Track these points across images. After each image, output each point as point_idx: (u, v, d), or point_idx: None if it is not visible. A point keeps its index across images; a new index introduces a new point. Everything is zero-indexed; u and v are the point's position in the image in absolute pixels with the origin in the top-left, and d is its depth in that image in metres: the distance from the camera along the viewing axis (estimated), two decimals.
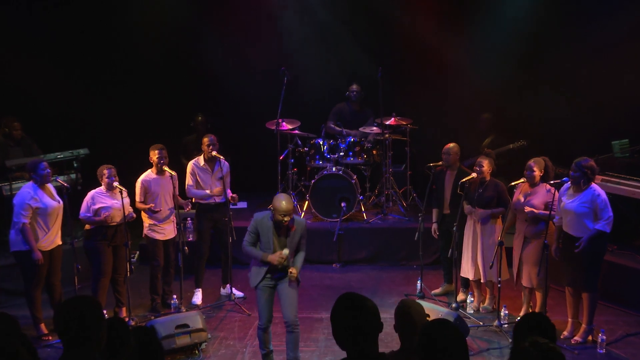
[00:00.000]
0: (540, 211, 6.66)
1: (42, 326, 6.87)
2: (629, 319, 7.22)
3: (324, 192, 9.08)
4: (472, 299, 7.45)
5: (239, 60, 10.36)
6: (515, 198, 6.89)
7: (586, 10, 9.34)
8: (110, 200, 6.98)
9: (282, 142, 9.37)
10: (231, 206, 7.96)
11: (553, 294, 7.30)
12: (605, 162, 8.04)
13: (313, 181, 9.13)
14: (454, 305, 7.27)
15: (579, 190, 6.42)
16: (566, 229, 6.53)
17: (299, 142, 9.59)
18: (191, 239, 8.40)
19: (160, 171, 7.34)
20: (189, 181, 7.71)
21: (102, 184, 7.01)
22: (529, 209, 6.69)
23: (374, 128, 9.46)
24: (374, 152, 9.50)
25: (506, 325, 6.93)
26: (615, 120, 8.96)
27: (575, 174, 6.39)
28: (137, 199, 7.30)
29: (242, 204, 9.95)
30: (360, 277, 8.65)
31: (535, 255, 6.75)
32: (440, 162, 7.64)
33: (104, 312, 6.23)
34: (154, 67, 10.06)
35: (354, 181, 9.08)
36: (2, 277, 7.78)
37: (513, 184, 6.88)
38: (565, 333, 6.73)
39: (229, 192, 7.68)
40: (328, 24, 10.33)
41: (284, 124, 9.26)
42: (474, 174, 7.19)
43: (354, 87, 9.75)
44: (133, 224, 7.40)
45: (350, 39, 10.34)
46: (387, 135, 9.39)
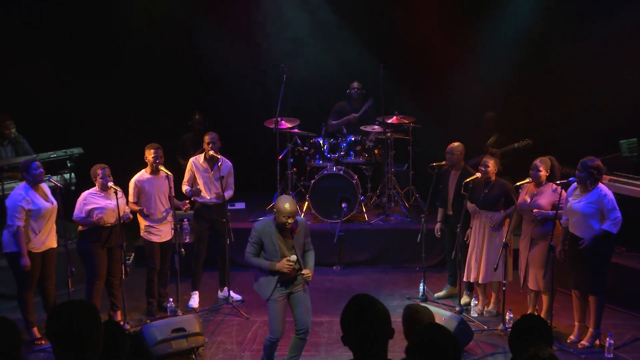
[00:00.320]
0: (550, 212, 6.64)
1: (35, 330, 6.85)
2: (637, 323, 7.20)
3: (324, 193, 9.07)
4: (476, 302, 7.44)
5: (237, 58, 10.35)
6: (520, 199, 6.87)
7: (593, 8, 9.33)
8: (104, 200, 6.96)
9: (281, 141, 9.35)
10: (229, 207, 7.94)
11: (559, 297, 7.29)
12: (612, 161, 8.01)
13: (313, 181, 9.12)
14: (457, 309, 7.26)
15: (585, 190, 6.41)
16: (572, 230, 6.51)
17: (299, 141, 9.58)
18: (188, 240, 8.39)
19: (155, 171, 7.32)
20: (185, 178, 7.70)
21: (96, 184, 6.98)
22: (537, 210, 6.67)
23: (376, 127, 9.45)
24: (376, 151, 9.49)
25: (511, 330, 6.89)
26: (623, 119, 8.95)
27: (581, 174, 6.37)
28: (130, 199, 7.27)
29: (241, 205, 9.95)
30: (362, 279, 8.64)
31: (541, 257, 6.72)
32: (443, 162, 7.63)
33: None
34: (150, 64, 10.04)
35: (354, 181, 9.06)
36: None
37: (518, 184, 6.87)
38: (572, 337, 6.71)
39: (227, 193, 7.66)
40: (328, 19, 10.32)
41: (283, 122, 9.24)
42: (477, 174, 7.18)
43: (355, 84, 9.73)
44: (128, 225, 7.38)
45: (351, 34, 10.32)
46: (389, 134, 9.37)
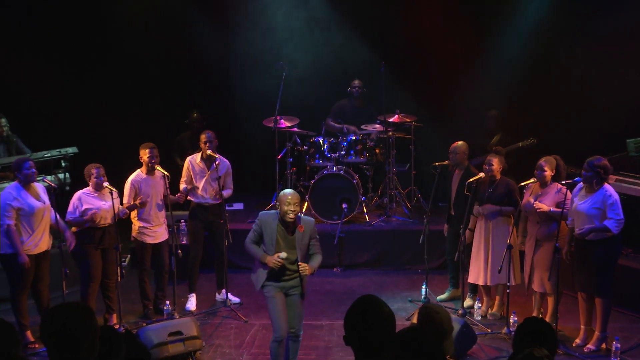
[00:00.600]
0: (552, 208, 6.61)
1: (29, 333, 6.82)
2: None
3: (324, 193, 9.05)
4: (479, 304, 7.41)
5: (235, 55, 10.34)
6: (525, 199, 6.85)
7: (598, 7, 9.32)
8: (98, 201, 6.94)
9: (281, 140, 9.34)
10: (227, 207, 7.92)
11: (565, 299, 7.26)
12: (619, 161, 8.00)
13: (313, 181, 9.10)
14: (460, 312, 7.24)
15: (591, 190, 6.39)
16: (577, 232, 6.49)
17: (298, 140, 9.56)
18: (185, 242, 8.37)
19: (151, 171, 7.30)
20: (182, 177, 7.68)
21: (90, 184, 6.96)
22: (539, 204, 6.63)
23: (377, 126, 9.43)
24: (377, 150, 9.47)
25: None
26: (630, 117, 8.93)
27: (587, 173, 6.35)
28: (125, 200, 7.23)
29: (239, 205, 9.94)
30: (363, 282, 8.62)
31: (547, 259, 6.69)
32: (446, 162, 7.61)
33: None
34: (146, 62, 10.05)
35: (355, 181, 9.04)
36: None
37: (523, 184, 6.85)
38: (577, 341, 6.69)
39: (226, 192, 7.64)
40: (328, 16, 10.31)
41: (282, 121, 9.23)
42: (481, 174, 7.16)
43: (355, 82, 9.71)
44: (124, 226, 7.36)
45: (352, 31, 10.31)
46: (390, 133, 9.36)
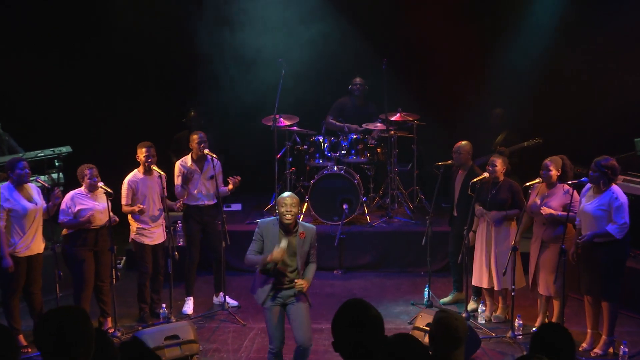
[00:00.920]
0: (560, 213, 6.61)
1: (21, 338, 6.82)
2: None
3: (325, 193, 9.04)
4: (483, 308, 7.41)
5: (233, 52, 10.32)
6: (531, 200, 6.84)
7: (606, 5, 9.30)
8: (91, 202, 6.93)
9: (280, 140, 9.33)
10: (225, 208, 7.90)
11: (571, 303, 7.26)
12: (627, 161, 7.98)
13: (313, 181, 9.09)
14: (464, 315, 7.23)
15: (598, 191, 6.37)
16: (584, 232, 6.47)
17: (298, 139, 9.55)
18: (182, 243, 8.36)
19: (148, 171, 7.29)
20: (177, 181, 7.66)
21: (83, 184, 6.94)
22: (547, 210, 6.63)
23: (378, 124, 9.42)
24: (378, 150, 9.46)
25: (520, 337, 6.89)
26: (638, 116, 8.92)
27: (594, 174, 6.33)
28: (123, 201, 7.24)
29: (237, 206, 9.94)
30: (364, 284, 8.61)
31: (553, 261, 6.69)
32: (450, 161, 7.60)
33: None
34: (143, 60, 10.03)
35: (356, 181, 9.03)
36: None
37: (528, 184, 6.83)
38: (584, 345, 6.67)
39: (223, 190, 7.64)
40: (329, 11, 10.28)
41: (281, 119, 9.22)
42: (485, 174, 7.15)
43: (357, 80, 9.70)
44: (118, 227, 7.35)
45: (353, 27, 10.29)
46: (392, 132, 9.34)
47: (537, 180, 6.79)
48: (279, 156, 9.33)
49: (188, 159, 7.68)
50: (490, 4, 10.01)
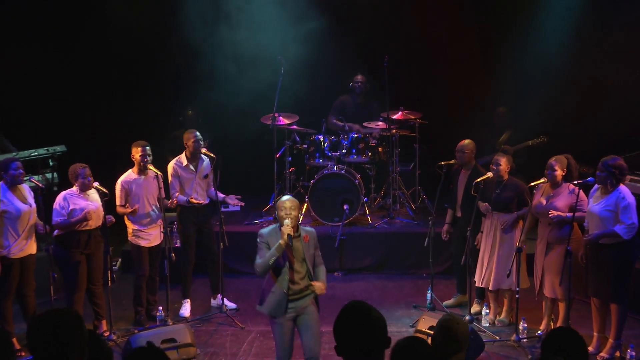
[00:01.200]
0: (568, 214, 6.59)
1: (14, 341, 6.78)
2: None
3: (325, 194, 9.02)
4: (487, 310, 7.39)
5: (231, 49, 10.29)
6: (536, 200, 6.82)
7: (612, 5, 9.30)
8: (84, 202, 6.90)
9: (279, 139, 9.31)
10: (222, 209, 7.88)
11: (577, 305, 7.24)
12: (634, 160, 7.96)
13: (313, 181, 9.08)
14: (467, 318, 7.21)
15: (606, 192, 6.36)
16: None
17: (297, 138, 9.53)
18: (178, 245, 8.33)
19: (143, 171, 7.27)
20: (175, 187, 7.62)
21: (76, 184, 6.90)
22: (554, 213, 6.61)
23: (380, 123, 9.40)
24: (380, 149, 9.45)
25: (525, 340, 6.87)
26: None
27: (601, 174, 6.31)
28: (118, 202, 7.22)
29: (235, 207, 9.87)
30: (365, 286, 8.60)
31: (558, 263, 6.66)
32: (453, 161, 7.58)
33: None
34: (139, 58, 10.01)
35: (357, 181, 9.01)
36: None
37: (533, 184, 6.82)
38: (590, 349, 6.63)
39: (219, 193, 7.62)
40: (329, 7, 10.26)
41: (280, 118, 9.20)
42: (489, 174, 7.14)
43: (358, 77, 9.69)
44: (114, 229, 7.33)
45: (355, 23, 10.27)
46: (394, 131, 9.33)
47: (542, 180, 6.78)
48: (278, 155, 9.32)
49: (183, 158, 7.66)
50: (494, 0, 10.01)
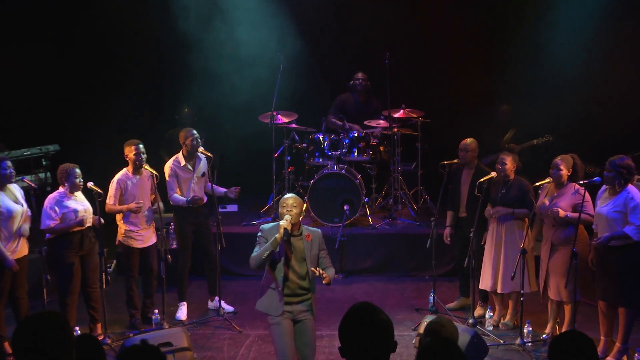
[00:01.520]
0: (569, 214, 6.56)
1: (6, 345, 6.72)
2: None
3: (325, 194, 9.01)
4: (491, 313, 7.38)
5: (229, 46, 10.28)
6: (540, 201, 6.80)
7: (619, 4, 9.31)
8: (75, 203, 6.87)
9: (278, 137, 9.29)
10: (220, 209, 7.86)
11: (583, 308, 7.23)
12: None
13: (312, 181, 9.06)
14: (471, 321, 7.22)
15: (614, 192, 6.34)
16: (600, 236, 6.43)
17: (297, 137, 9.52)
18: (175, 246, 8.32)
19: (138, 169, 7.24)
20: (174, 188, 7.58)
21: (67, 185, 6.86)
22: (563, 213, 6.57)
23: (381, 121, 9.39)
24: (381, 148, 9.43)
25: (530, 344, 6.85)
26: None
27: (609, 174, 6.29)
28: (109, 201, 7.16)
29: (233, 207, 9.91)
30: (366, 289, 8.59)
31: (563, 265, 6.65)
32: (456, 160, 7.57)
33: (73, 329, 6.11)
34: (133, 54, 10.01)
35: (358, 181, 9.00)
36: None
37: (538, 184, 6.80)
38: None
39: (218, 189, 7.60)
40: (329, 4, 10.25)
41: (279, 116, 9.19)
42: (493, 173, 7.13)
43: (359, 75, 9.68)
44: (107, 230, 7.31)
45: (355, 20, 10.26)
46: (395, 130, 9.32)
47: (547, 180, 6.76)
48: (277, 155, 9.30)
49: (181, 158, 7.63)
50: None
